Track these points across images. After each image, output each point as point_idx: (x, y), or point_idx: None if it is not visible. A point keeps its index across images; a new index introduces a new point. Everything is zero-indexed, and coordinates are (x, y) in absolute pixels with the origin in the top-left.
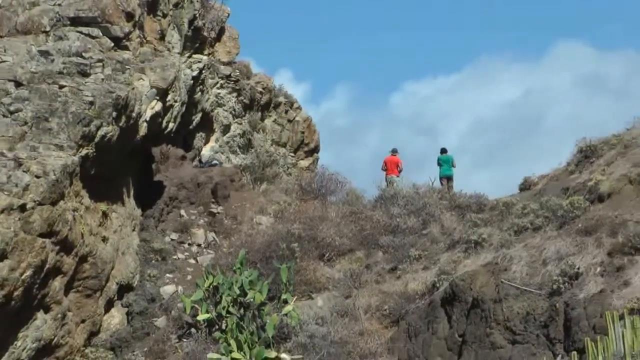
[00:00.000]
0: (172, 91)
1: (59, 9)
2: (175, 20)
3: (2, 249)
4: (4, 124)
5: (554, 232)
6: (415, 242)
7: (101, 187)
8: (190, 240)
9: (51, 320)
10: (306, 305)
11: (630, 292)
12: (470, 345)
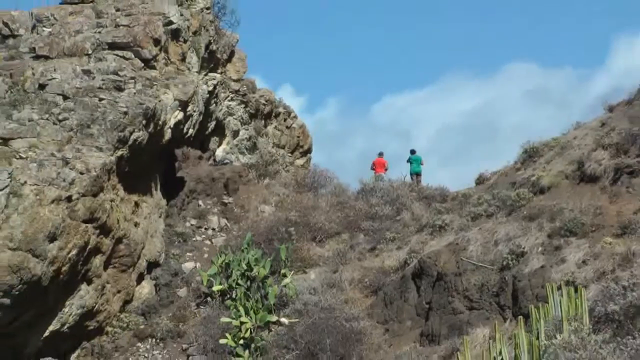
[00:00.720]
0: (191, 103)
1: (99, 36)
2: (194, 45)
3: (52, 233)
4: (54, 130)
5: (504, 218)
6: (390, 226)
7: (133, 181)
8: (206, 225)
9: (92, 291)
10: (301, 279)
11: (566, 267)
12: (435, 311)
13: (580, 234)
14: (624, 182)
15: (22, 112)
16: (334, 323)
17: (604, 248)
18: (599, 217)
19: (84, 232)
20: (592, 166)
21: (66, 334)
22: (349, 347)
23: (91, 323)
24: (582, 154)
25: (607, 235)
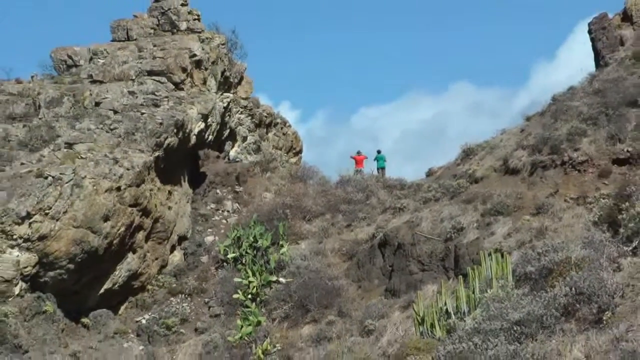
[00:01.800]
0: (210, 116)
1: (140, 65)
2: (213, 72)
3: (106, 214)
4: (107, 137)
5: (447, 201)
6: (362, 208)
7: (167, 175)
8: (222, 208)
9: (136, 258)
10: (294, 248)
11: (495, 238)
12: (396, 272)
13: (505, 213)
14: (538, 173)
15: (82, 123)
16: (320, 282)
17: (523, 224)
18: (520, 200)
19: (130, 214)
20: (514, 162)
21: (116, 291)
22: (331, 299)
23: (135, 282)
24: (507, 153)
25: (525, 214)
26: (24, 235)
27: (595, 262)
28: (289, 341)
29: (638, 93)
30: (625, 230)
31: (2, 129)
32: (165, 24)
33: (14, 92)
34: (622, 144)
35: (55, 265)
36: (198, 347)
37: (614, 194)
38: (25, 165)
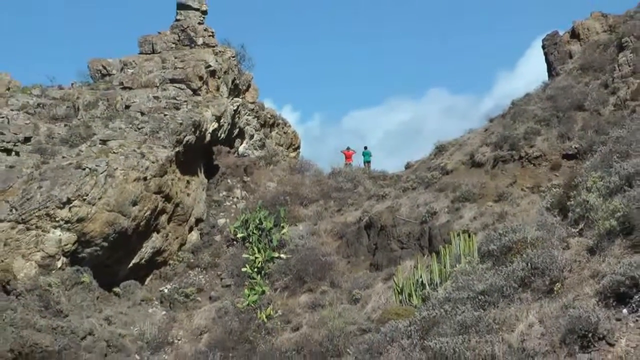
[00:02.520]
0: (223, 117)
1: (163, 74)
2: (224, 80)
3: (134, 200)
4: (135, 134)
5: (423, 190)
6: (351, 196)
7: (186, 167)
8: (232, 195)
9: (160, 237)
10: (293, 229)
11: (463, 222)
12: (379, 249)
13: (471, 200)
14: (500, 167)
15: (114, 123)
16: (315, 257)
17: (486, 209)
18: (484, 189)
19: (154, 200)
20: (479, 157)
21: (143, 265)
22: (324, 272)
23: (159, 258)
24: (473, 149)
25: (489, 201)
26: (65, 217)
27: (547, 242)
28: (288, 307)
29: (584, 99)
30: (573, 214)
31: (47, 128)
32: (185, 39)
33: (57, 96)
34: (570, 141)
35: (92, 243)
36: (212, 312)
37: (563, 184)
38: (66, 159)
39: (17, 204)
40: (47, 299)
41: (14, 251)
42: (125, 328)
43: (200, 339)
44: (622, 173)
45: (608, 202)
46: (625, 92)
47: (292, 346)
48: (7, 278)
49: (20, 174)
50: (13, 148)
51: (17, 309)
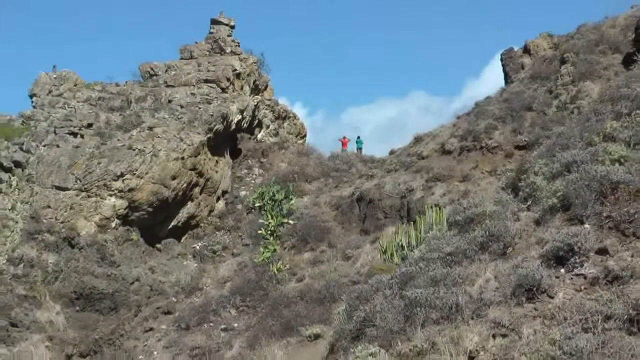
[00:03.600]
0: (245, 111)
1: (199, 75)
2: (247, 81)
3: (173, 175)
4: (176, 123)
5: (403, 172)
6: (346, 175)
7: (215, 149)
8: (252, 173)
9: (194, 205)
10: (299, 201)
11: (434, 197)
12: (367, 218)
13: (442, 180)
14: (464, 154)
15: (159, 113)
16: (316, 223)
17: (453, 188)
18: (451, 171)
19: (190, 175)
20: (449, 146)
21: (179, 227)
22: (323, 235)
23: (193, 221)
24: (444, 140)
25: (455, 181)
26: (118, 188)
27: (502, 215)
28: (294, 263)
29: (533, 101)
30: (522, 193)
31: (105, 117)
32: (216, 48)
33: (114, 92)
34: (521, 135)
35: (139, 208)
36: (234, 265)
37: (515, 169)
38: (120, 141)
39: (81, 176)
40: (104, 252)
41: (77, 214)
42: (164, 276)
43: (224, 286)
44: (563, 161)
45: (551, 184)
46: (565, 96)
47: (297, 293)
48: (72, 235)
49: (83, 153)
50: (79, 132)
51: (79, 260)
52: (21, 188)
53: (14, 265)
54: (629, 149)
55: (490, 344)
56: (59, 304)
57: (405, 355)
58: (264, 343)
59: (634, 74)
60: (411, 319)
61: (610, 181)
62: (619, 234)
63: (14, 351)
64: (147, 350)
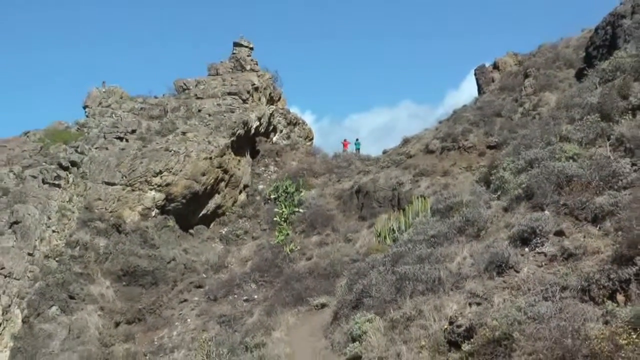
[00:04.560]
0: (262, 118)
1: (223, 89)
2: (264, 93)
3: (203, 172)
4: (205, 129)
5: (394, 168)
6: (346, 171)
7: (238, 150)
8: (268, 170)
9: (220, 197)
10: (308, 193)
11: (420, 189)
12: (365, 207)
13: (426, 175)
14: (445, 153)
15: (191, 121)
16: (322, 212)
17: (436, 181)
18: (434, 168)
19: (217, 172)
20: (432, 146)
21: (208, 215)
22: (328, 222)
23: (219, 210)
24: (428, 141)
25: (437, 176)
26: (157, 183)
27: (476, 203)
28: (304, 244)
29: (501, 109)
30: (493, 185)
31: (146, 124)
32: (238, 66)
33: (153, 103)
34: (492, 137)
35: (174, 200)
36: (253, 247)
37: (487, 165)
38: (158, 144)
39: (126, 173)
40: (145, 237)
41: (123, 204)
42: (196, 256)
43: (245, 264)
44: (526, 158)
45: (516, 177)
46: (528, 104)
47: (306, 270)
48: (119, 222)
49: (128, 154)
50: (124, 137)
51: (125, 243)
52: (77, 184)
53: (71, 248)
54: (581, 147)
55: (467, 311)
56: (108, 280)
57: (396, 320)
58: (279, 311)
59: (584, 85)
60: (401, 290)
61: (566, 175)
62: (573, 218)
63: (72, 319)
64: (182, 317)
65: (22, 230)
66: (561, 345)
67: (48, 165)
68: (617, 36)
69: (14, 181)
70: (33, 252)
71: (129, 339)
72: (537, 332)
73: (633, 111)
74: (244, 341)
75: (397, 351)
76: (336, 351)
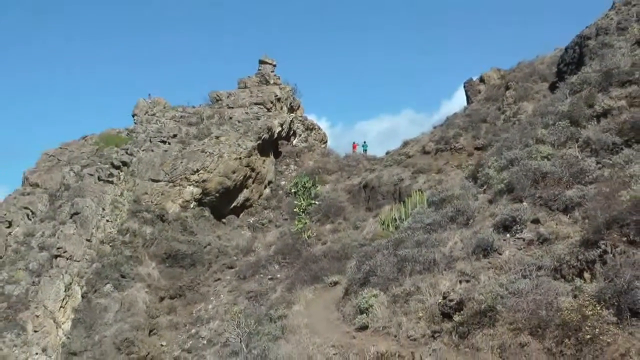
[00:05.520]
0: (284, 125)
1: (250, 99)
2: (285, 103)
3: (233, 170)
4: (235, 133)
5: (396, 167)
6: (355, 169)
7: (263, 151)
8: (289, 168)
9: (248, 191)
10: (323, 187)
11: (418, 184)
12: (371, 200)
13: (423, 172)
14: (439, 154)
15: (223, 127)
16: (335, 203)
17: (431, 177)
18: (430, 166)
19: (245, 170)
20: (428, 148)
21: (238, 207)
22: (340, 212)
23: (247, 203)
24: (424, 143)
25: (433, 173)
26: (195, 179)
27: (465, 196)
28: (319, 231)
29: (487, 116)
30: (480, 181)
31: (185, 129)
32: (263, 80)
33: (191, 112)
34: (479, 140)
35: (209, 194)
36: (277, 233)
37: (475, 164)
38: (196, 147)
39: (168, 171)
40: (185, 225)
41: (166, 198)
42: (228, 242)
43: (270, 248)
44: (507, 158)
45: (499, 174)
46: (509, 112)
47: (321, 253)
48: (163, 213)
49: (170, 155)
50: (167, 140)
51: (168, 230)
52: (127, 180)
53: (122, 235)
54: (554, 149)
55: (457, 287)
56: (154, 262)
57: (397, 296)
58: (298, 288)
59: (556, 96)
60: (402, 270)
61: (541, 172)
62: (547, 209)
63: (124, 295)
64: (216, 293)
65: (81, 220)
66: (537, 315)
67: (102, 164)
68: (583, 55)
69: (74, 178)
70: (90, 238)
71: (171, 311)
72: (517, 305)
73: (598, 118)
74: (268, 313)
75: (399, 321)
76: (347, 322)
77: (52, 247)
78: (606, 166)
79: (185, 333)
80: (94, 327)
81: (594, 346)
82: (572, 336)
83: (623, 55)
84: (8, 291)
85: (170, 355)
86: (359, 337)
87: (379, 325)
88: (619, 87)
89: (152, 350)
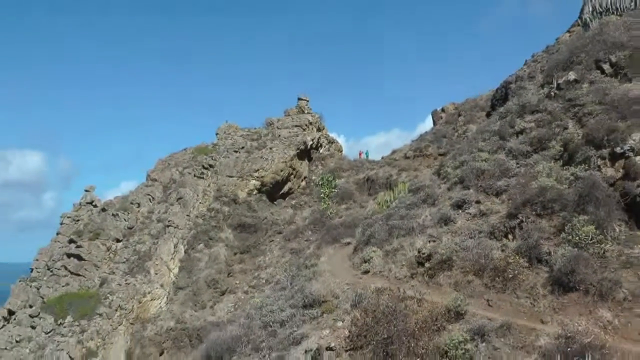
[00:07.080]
0: (314, 140)
1: (292, 122)
2: (315, 126)
3: (282, 169)
4: (282, 145)
5: (388, 167)
6: (360, 168)
7: (300, 157)
8: (317, 168)
9: (290, 183)
10: (339, 180)
11: (402, 178)
12: (372, 189)
13: (405, 170)
14: (416, 158)
15: (274, 141)
16: (348, 191)
17: (411, 174)
18: (410, 166)
19: (289, 170)
20: (408, 154)
21: (284, 193)
22: (351, 197)
23: (290, 191)
24: (406, 151)
25: (411, 171)
26: (256, 175)
27: (432, 186)
28: (337, 210)
29: (446, 133)
30: (442, 175)
31: (250, 143)
32: (300, 110)
33: (253, 131)
34: (441, 149)
35: (265, 185)
36: (309, 211)
37: (439, 165)
38: (256, 154)
39: (239, 171)
40: (250, 205)
41: (237, 188)
42: (278, 216)
43: (305, 220)
44: (459, 160)
45: (454, 171)
46: (460, 131)
47: (339, 223)
48: (235, 198)
49: (240, 160)
50: (237, 151)
51: (239, 209)
52: (212, 177)
53: (209, 212)
54: (489, 154)
55: (428, 245)
56: (230, 229)
57: (389, 251)
58: (323, 246)
59: (490, 120)
60: (391, 234)
61: (481, 170)
62: (485, 194)
63: (211, 251)
64: (271, 250)
65: (183, 202)
66: (478, 263)
67: (197, 166)
68: (508, 93)
69: (179, 175)
70: (189, 214)
71: (241, 261)
72: (465, 256)
73: (517, 134)
74: (304, 263)
75: (389, 268)
76: (355, 268)
77: (165, 220)
78: (522, 166)
79: (250, 275)
80: (192, 271)
81: (514, 281)
82: (500, 275)
83: (532, 94)
84: (138, 248)
85: (241, 289)
86: (364, 278)
87: (376, 270)
88: (530, 114)
89: (230, 286)
